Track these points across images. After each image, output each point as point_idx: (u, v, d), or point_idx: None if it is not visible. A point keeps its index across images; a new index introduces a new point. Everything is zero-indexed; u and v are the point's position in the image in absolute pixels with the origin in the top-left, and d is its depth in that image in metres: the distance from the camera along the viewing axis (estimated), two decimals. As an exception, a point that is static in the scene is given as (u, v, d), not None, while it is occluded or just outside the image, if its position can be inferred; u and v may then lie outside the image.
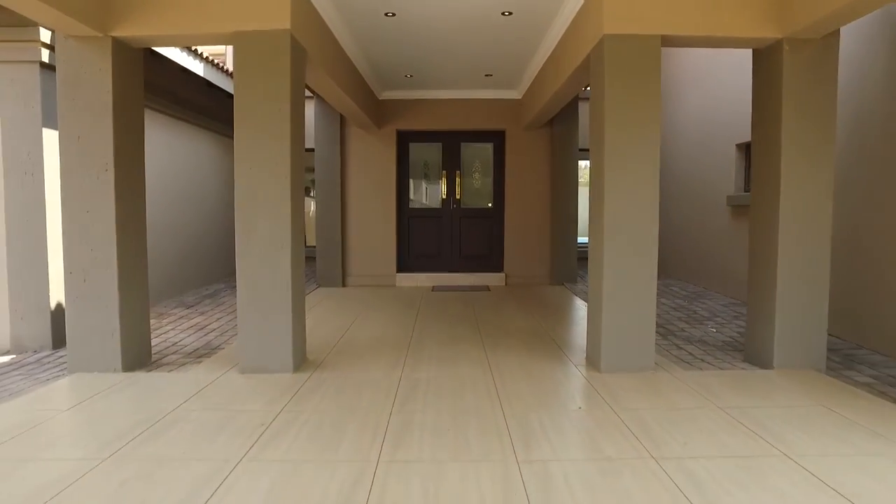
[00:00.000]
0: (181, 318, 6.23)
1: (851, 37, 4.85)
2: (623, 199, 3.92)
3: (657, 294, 7.41)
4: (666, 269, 9.41)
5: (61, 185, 3.94)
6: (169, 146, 7.17)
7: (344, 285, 8.34)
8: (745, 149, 6.74)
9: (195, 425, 3.02)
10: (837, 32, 3.88)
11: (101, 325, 3.98)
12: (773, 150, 4.00)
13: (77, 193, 3.92)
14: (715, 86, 7.32)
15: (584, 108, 8.72)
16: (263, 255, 3.93)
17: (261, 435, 2.88)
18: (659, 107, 3.91)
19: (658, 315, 6.14)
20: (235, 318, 6.12)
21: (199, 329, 5.67)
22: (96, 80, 3.87)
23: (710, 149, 7.53)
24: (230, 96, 8.43)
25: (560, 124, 8.14)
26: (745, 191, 6.79)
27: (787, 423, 3.02)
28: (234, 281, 8.81)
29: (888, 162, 4.50)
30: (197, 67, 7.22)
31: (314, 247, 8.51)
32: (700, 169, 7.85)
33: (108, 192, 3.93)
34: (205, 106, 7.98)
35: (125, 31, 3.87)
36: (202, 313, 6.49)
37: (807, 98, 3.90)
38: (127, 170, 4.05)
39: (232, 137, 9.09)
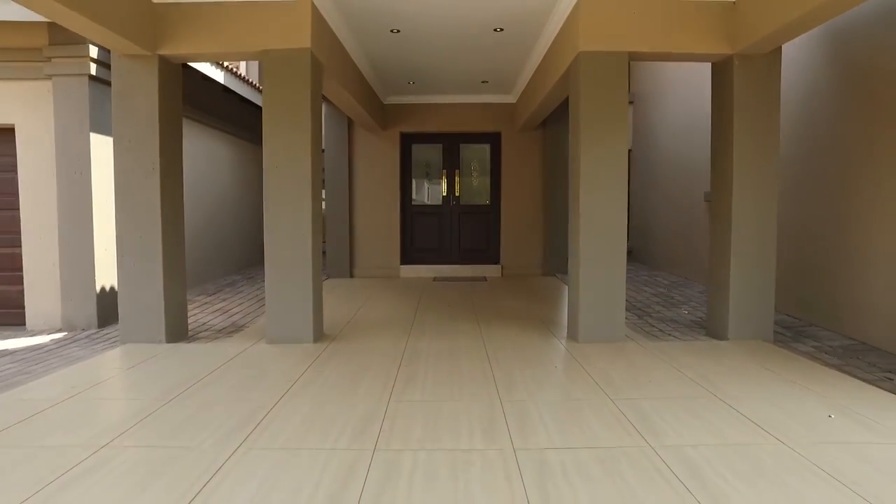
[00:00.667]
0: (205, 304, 6.88)
1: (799, 50, 5.48)
2: (596, 195, 4.55)
3: (642, 283, 8.08)
4: (653, 261, 10.06)
5: (115, 183, 4.60)
6: (191, 149, 7.82)
7: (352, 276, 8.99)
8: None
9: (237, 379, 3.67)
10: (779, 49, 4.52)
11: (148, 302, 4.63)
12: (726, 151, 4.64)
13: (129, 190, 4.58)
14: (696, 91, 7.94)
15: (574, 112, 9.34)
16: (288, 243, 4.57)
17: (292, 385, 3.53)
18: (626, 112, 4.55)
19: (639, 300, 6.78)
20: (255, 304, 6.79)
21: (224, 312, 6.32)
22: (145, 92, 4.53)
23: (691, 149, 8.16)
24: (245, 101, 9.11)
25: (551, 126, 8.78)
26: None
27: (726, 376, 3.66)
28: (250, 273, 9.52)
29: (833, 162, 5.13)
30: (217, 75, 7.87)
31: (324, 241, 9.15)
32: (683, 168, 8.47)
33: (155, 189, 4.58)
34: (223, 110, 8.64)
35: (169, 50, 4.53)
36: (224, 300, 7.14)
37: (754, 105, 4.53)
38: (170, 169, 4.70)
39: (247, 140, 9.87)
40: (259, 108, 9.69)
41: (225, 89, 8.44)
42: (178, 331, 4.83)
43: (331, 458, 2.50)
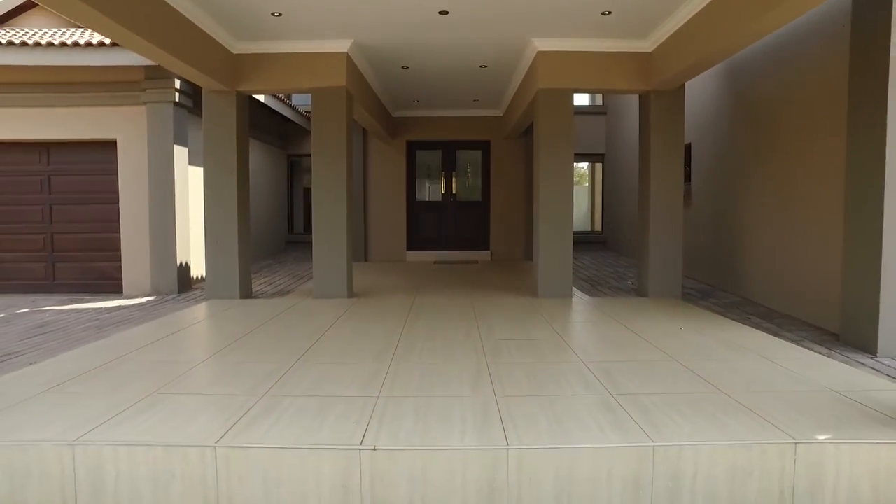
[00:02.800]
0: (252, 279, 8.63)
1: (710, 83, 7.25)
2: (551, 195, 6.29)
3: (606, 265, 9.85)
4: (621, 249, 11.83)
5: (204, 183, 6.36)
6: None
7: (366, 260, 10.75)
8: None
9: (301, 314, 5.42)
10: (683, 86, 6.26)
11: (227, 269, 6.39)
12: (646, 159, 6.40)
13: (214, 187, 6.33)
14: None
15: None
16: (330, 226, 6.33)
17: (339, 317, 5.28)
18: (572, 131, 6.28)
19: (597, 275, 8.55)
20: (291, 278, 8.56)
21: (270, 283, 8.09)
22: (226, 118, 6.29)
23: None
24: (274, 112, 10.88)
25: (532, 135, 10.52)
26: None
27: (632, 314, 5.40)
28: (279, 258, 11.25)
29: (732, 169, 6.90)
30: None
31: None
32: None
33: (232, 186, 6.34)
34: (257, 120, 10.40)
35: (244, 87, 6.29)
36: (265, 277, 8.91)
37: (665, 126, 6.27)
38: (241, 172, 6.46)
39: (276, 146, 11.62)
40: (285, 118, 11.50)
41: (261, 105, 10.20)
42: (246, 291, 6.59)
43: (374, 344, 4.25)
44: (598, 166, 13.83)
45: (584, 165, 14.37)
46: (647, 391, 3.09)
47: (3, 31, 7.47)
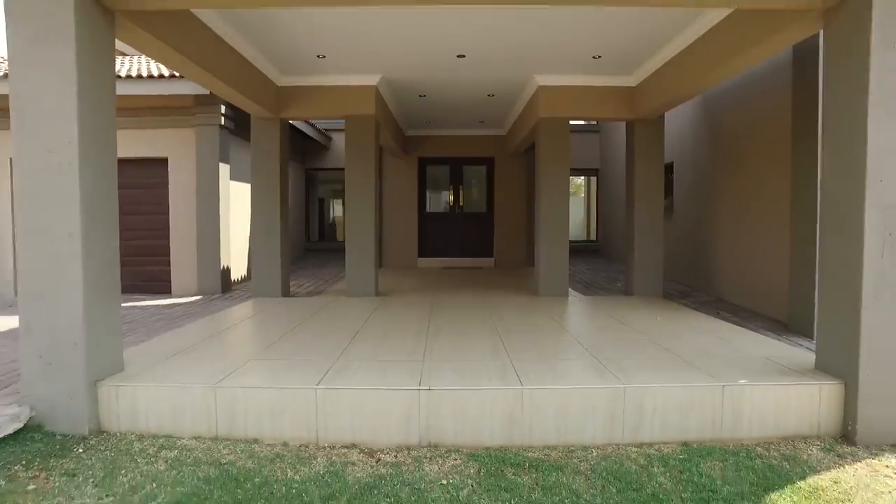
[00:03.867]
0: (281, 282, 9.59)
1: (690, 110, 8.31)
2: (550, 207, 7.32)
3: (600, 270, 10.88)
4: (614, 256, 12.85)
5: (252, 196, 7.37)
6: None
7: (381, 266, 11.74)
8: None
9: (339, 310, 6.41)
10: (663, 116, 7.32)
11: (270, 271, 7.38)
12: (631, 178, 7.44)
13: (261, 201, 7.34)
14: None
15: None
16: (361, 234, 7.34)
17: (374, 311, 6.28)
18: (568, 153, 7.32)
19: (591, 279, 9.56)
20: (317, 280, 9.54)
21: (300, 286, 9.07)
22: (271, 140, 7.31)
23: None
24: (297, 131, 11.91)
25: (532, 153, 11.58)
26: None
27: (621, 309, 6.41)
28: (300, 263, 12.23)
29: (707, 187, 7.95)
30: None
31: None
32: (629, 184, 11.28)
33: (276, 199, 7.35)
34: (284, 140, 11.43)
35: (287, 114, 7.33)
36: (293, 280, 9.88)
37: (648, 150, 7.32)
38: (283, 187, 7.47)
39: (296, 161, 12.67)
40: (304, 135, 12.53)
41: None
42: (285, 290, 7.58)
43: (409, 327, 5.24)
44: (594, 180, 14.91)
45: (580, 179, 15.46)
46: (625, 357, 4.09)
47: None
